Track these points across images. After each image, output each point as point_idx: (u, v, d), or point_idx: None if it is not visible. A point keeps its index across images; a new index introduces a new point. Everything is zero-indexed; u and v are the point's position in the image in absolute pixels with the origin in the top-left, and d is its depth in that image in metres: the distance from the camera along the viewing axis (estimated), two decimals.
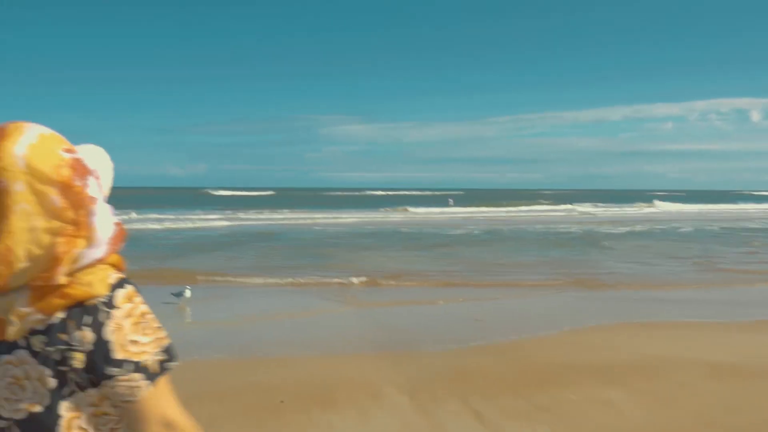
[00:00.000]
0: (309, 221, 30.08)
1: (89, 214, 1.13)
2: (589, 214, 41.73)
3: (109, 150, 1.31)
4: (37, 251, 1.08)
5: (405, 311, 8.92)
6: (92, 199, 1.15)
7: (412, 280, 11.43)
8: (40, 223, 1.08)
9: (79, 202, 1.11)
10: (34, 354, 1.10)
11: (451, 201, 54.52)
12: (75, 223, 1.10)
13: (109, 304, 1.12)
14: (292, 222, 29.56)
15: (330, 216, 34.33)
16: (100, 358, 1.10)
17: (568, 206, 51.40)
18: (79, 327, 1.10)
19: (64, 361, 1.10)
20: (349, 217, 33.68)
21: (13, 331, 1.09)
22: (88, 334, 1.10)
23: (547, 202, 57.72)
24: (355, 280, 11.06)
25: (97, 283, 1.12)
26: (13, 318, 1.09)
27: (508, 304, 9.40)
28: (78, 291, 1.10)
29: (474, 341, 6.98)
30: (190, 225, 25.57)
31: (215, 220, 28.63)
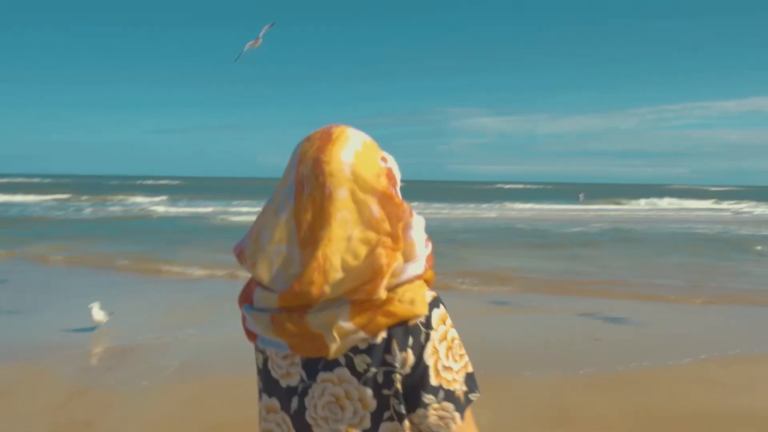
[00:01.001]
0: (428, 213, 29.47)
1: (406, 227, 1.10)
2: (742, 213, 37.63)
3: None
4: (352, 262, 1.05)
5: (504, 322, 7.92)
6: (410, 212, 1.12)
7: (519, 284, 10.33)
8: (357, 233, 1.06)
9: (397, 215, 1.09)
10: (356, 374, 1.07)
11: (581, 196, 52.53)
12: (392, 236, 1.07)
13: (428, 325, 1.08)
14: None
15: (448, 208, 33.58)
16: (418, 383, 1.06)
17: (716, 204, 47.17)
18: (402, 348, 1.06)
19: (386, 383, 1.06)
20: (468, 211, 32.72)
21: (334, 349, 1.05)
22: (410, 356, 1.06)
23: (690, 199, 53.20)
24: (453, 281, 10.20)
25: (419, 302, 1.07)
26: (335, 335, 1.05)
27: (634, 319, 8.07)
28: (401, 310, 1.06)
29: (585, 367, 5.92)
30: None
31: None
